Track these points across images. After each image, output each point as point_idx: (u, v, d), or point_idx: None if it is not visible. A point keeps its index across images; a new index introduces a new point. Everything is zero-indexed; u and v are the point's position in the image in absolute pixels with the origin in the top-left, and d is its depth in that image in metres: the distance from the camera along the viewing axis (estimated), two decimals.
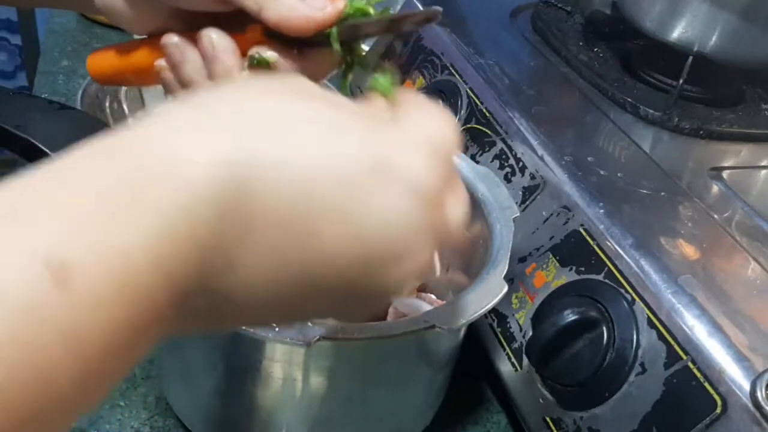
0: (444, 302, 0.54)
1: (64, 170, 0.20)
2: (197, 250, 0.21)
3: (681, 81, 0.66)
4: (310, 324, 0.38)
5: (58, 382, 0.19)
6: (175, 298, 0.21)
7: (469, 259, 0.53)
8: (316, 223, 0.23)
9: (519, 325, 0.53)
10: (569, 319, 0.47)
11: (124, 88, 0.71)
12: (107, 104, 0.68)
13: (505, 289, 0.43)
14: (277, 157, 0.22)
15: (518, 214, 0.50)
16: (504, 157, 0.60)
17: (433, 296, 0.55)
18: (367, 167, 0.23)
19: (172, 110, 0.23)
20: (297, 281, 0.24)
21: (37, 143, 0.50)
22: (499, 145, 0.61)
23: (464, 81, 0.68)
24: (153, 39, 0.38)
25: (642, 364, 0.44)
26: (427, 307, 0.50)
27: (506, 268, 0.45)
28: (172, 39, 0.35)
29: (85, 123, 0.55)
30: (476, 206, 0.51)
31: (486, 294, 0.42)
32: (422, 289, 0.57)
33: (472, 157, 0.62)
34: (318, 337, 0.37)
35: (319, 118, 0.24)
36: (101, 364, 0.20)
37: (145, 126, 0.22)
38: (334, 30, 0.33)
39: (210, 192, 0.21)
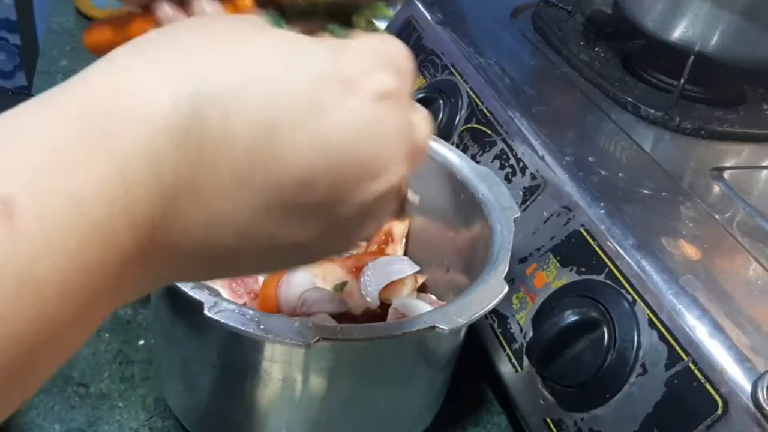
0: (444, 303, 0.53)
1: (14, 121, 0.20)
2: (158, 188, 0.21)
3: (682, 81, 0.66)
4: (308, 324, 0.38)
5: (13, 328, 0.18)
6: (140, 241, 0.21)
7: (469, 259, 0.52)
8: (279, 146, 0.23)
9: (519, 325, 0.53)
10: (570, 320, 0.47)
11: None
12: None
13: (506, 289, 0.43)
14: (232, 85, 0.22)
15: (519, 215, 0.50)
16: (504, 157, 0.60)
17: (433, 297, 0.55)
18: (323, 83, 0.23)
19: (117, 53, 0.23)
20: (265, 203, 0.23)
21: None
22: (500, 145, 0.61)
23: (465, 81, 0.67)
24: (146, 12, 0.39)
25: (643, 365, 0.44)
26: (428, 308, 0.50)
27: (507, 268, 0.45)
28: (166, 12, 0.34)
29: None
30: (476, 206, 0.51)
31: (486, 294, 0.42)
32: (422, 289, 0.57)
33: (473, 157, 0.61)
34: (318, 338, 0.37)
35: (271, 44, 0.24)
36: (60, 311, 0.19)
37: (93, 70, 0.22)
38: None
39: (167, 127, 0.21)
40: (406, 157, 0.26)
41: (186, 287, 0.39)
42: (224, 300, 0.38)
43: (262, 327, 0.37)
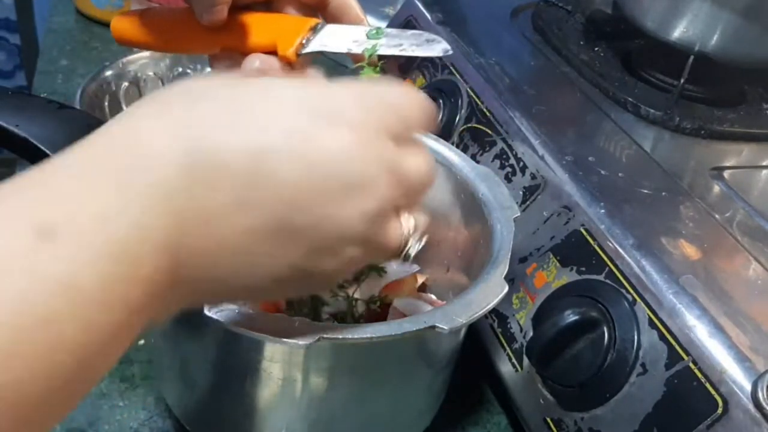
0: (444, 303, 0.53)
1: (53, 165, 0.24)
2: (173, 215, 0.25)
3: (682, 80, 0.66)
4: (308, 324, 0.38)
5: (61, 346, 0.21)
6: (160, 264, 0.25)
7: (469, 259, 0.52)
8: (268, 169, 0.26)
9: (519, 325, 0.53)
10: (570, 320, 0.47)
11: (122, 89, 0.71)
12: (106, 103, 0.68)
13: (506, 289, 0.43)
14: (224, 121, 0.26)
15: (519, 214, 0.50)
16: (504, 156, 0.60)
17: (433, 296, 0.55)
18: (309, 114, 0.28)
19: (138, 109, 0.27)
20: (261, 226, 0.27)
21: (35, 142, 0.50)
22: (500, 144, 0.61)
23: (465, 80, 0.67)
24: (179, 9, 0.43)
25: (643, 365, 0.44)
26: (428, 308, 0.50)
27: (507, 268, 0.44)
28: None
29: (84, 122, 0.54)
30: (476, 206, 0.51)
31: (486, 294, 0.42)
32: (422, 289, 0.57)
33: (473, 157, 0.61)
34: (318, 338, 0.37)
35: (261, 94, 0.28)
36: (101, 316, 0.22)
37: (116, 124, 0.26)
38: None
39: (176, 168, 0.25)
40: (390, 184, 0.29)
41: None
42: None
43: (262, 327, 0.37)
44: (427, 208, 0.56)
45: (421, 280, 0.56)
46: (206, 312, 0.37)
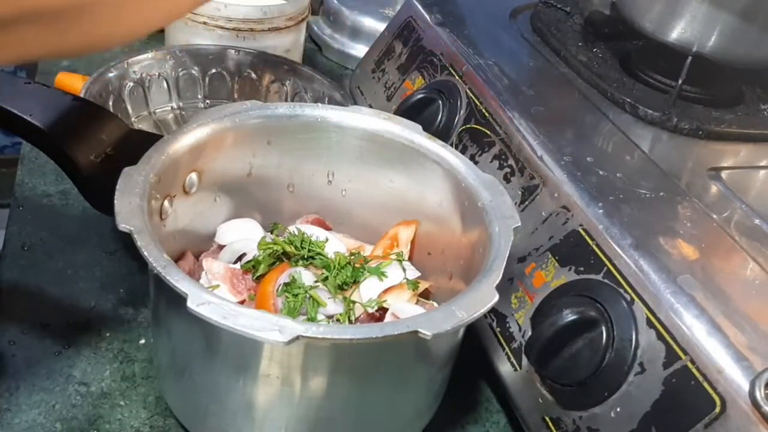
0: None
1: None
2: None
3: (680, 81, 0.66)
4: (288, 322, 0.38)
5: None
6: None
7: (468, 267, 0.52)
8: None
9: (518, 324, 0.54)
10: (568, 319, 0.47)
11: (127, 89, 0.71)
12: (111, 103, 0.69)
13: (495, 299, 0.42)
14: None
15: (519, 224, 0.49)
16: (503, 157, 0.60)
17: (435, 304, 0.55)
18: None
19: None
20: None
21: (47, 131, 0.51)
22: (499, 145, 0.61)
23: (464, 81, 0.68)
24: None
25: (641, 364, 0.44)
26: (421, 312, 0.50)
27: (499, 277, 0.44)
28: None
29: (96, 115, 0.55)
30: (478, 214, 0.51)
31: (475, 302, 0.42)
32: (426, 296, 0.57)
33: (472, 158, 0.62)
34: (297, 336, 0.37)
35: None
36: None
37: None
38: None
39: None
40: None
41: (173, 279, 0.39)
42: (210, 294, 0.38)
43: (240, 321, 0.37)
44: (432, 216, 0.57)
45: (424, 286, 0.56)
46: (189, 305, 0.37)
